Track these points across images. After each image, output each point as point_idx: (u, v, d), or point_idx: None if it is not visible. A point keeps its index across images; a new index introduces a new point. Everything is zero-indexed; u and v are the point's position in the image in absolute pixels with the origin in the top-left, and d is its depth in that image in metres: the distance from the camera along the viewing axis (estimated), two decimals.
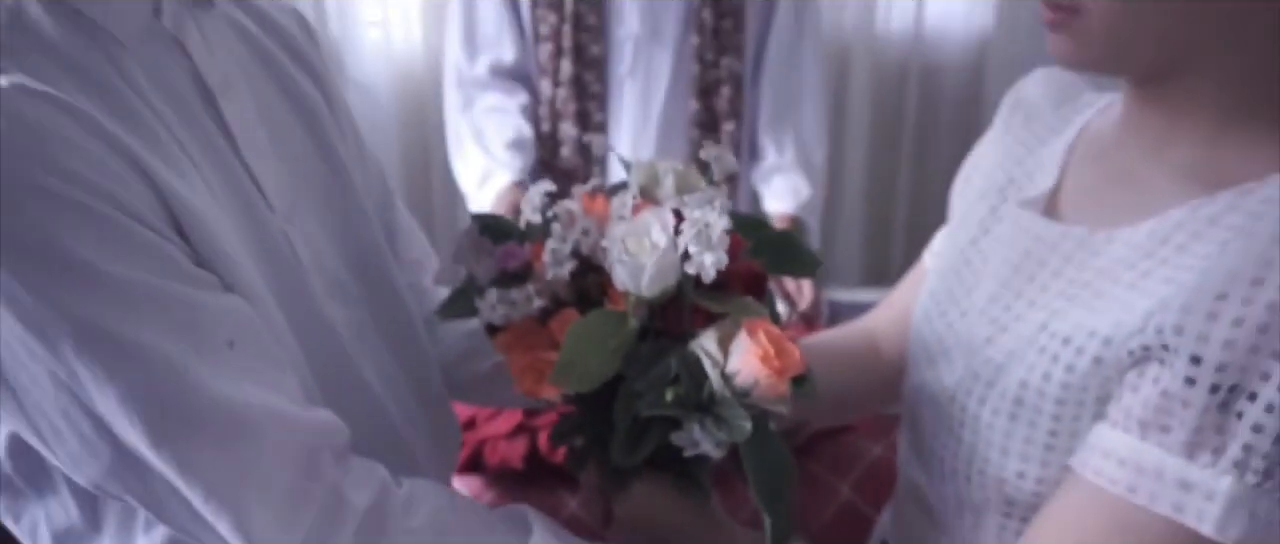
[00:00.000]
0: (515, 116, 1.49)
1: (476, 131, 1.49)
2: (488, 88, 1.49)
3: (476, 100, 1.50)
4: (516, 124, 1.48)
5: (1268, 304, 0.51)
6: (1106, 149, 0.68)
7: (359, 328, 0.71)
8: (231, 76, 0.64)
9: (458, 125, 1.52)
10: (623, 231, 0.60)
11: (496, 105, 1.49)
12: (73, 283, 0.49)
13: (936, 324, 0.74)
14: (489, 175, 1.47)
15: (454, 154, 1.55)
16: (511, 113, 1.49)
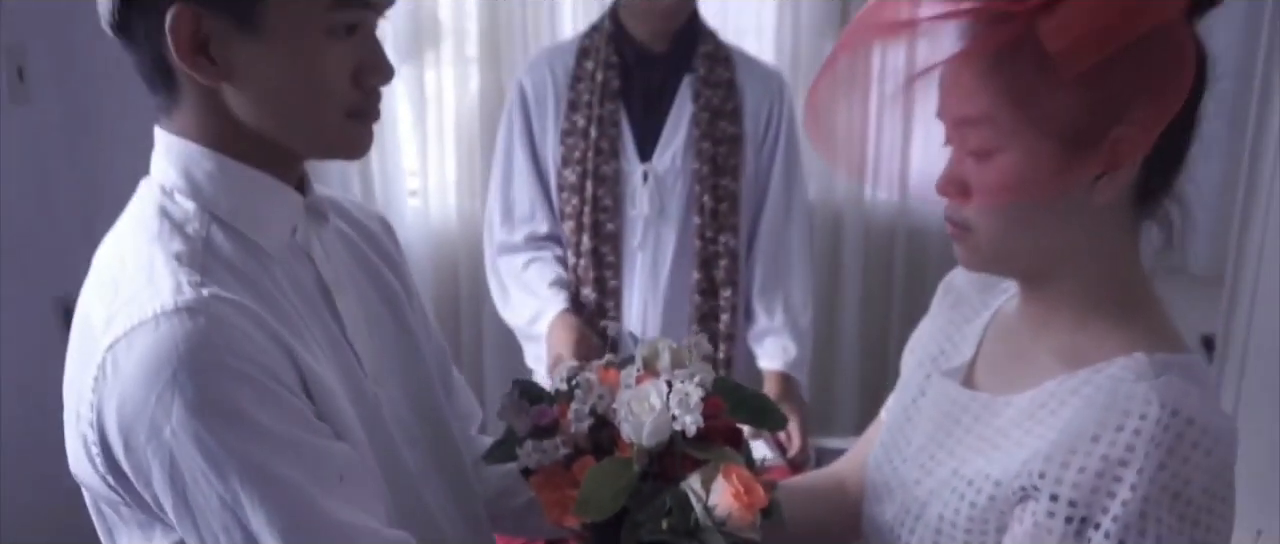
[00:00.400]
0: (552, 264, 1.71)
1: (521, 282, 1.70)
2: (524, 251, 1.72)
3: (516, 258, 1.72)
4: (556, 269, 1.69)
5: (1102, 456, 0.70)
6: (1009, 330, 0.88)
7: (424, 467, 0.91)
8: (340, 276, 0.86)
9: (503, 280, 1.74)
10: (628, 397, 0.80)
11: (534, 258, 1.71)
12: (242, 432, 0.70)
13: (883, 468, 0.93)
14: (539, 313, 1.67)
15: (501, 305, 1.75)
16: (549, 262, 1.71)
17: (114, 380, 0.69)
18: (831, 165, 1.47)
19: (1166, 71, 0.70)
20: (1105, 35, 0.69)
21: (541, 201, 1.71)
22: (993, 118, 0.75)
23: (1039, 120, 0.73)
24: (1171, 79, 0.70)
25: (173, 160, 0.78)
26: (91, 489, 0.77)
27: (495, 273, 1.76)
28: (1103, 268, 0.79)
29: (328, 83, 0.77)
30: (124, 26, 0.77)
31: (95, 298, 0.75)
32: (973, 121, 0.76)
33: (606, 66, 1.65)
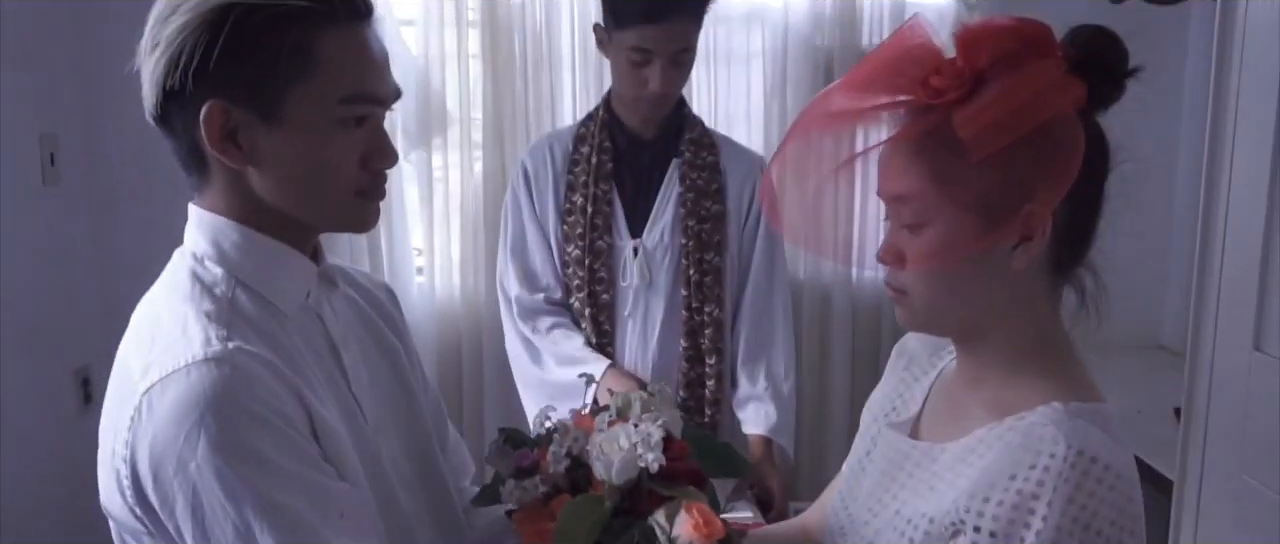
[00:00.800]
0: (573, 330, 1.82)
1: (554, 348, 1.81)
2: (546, 313, 1.83)
3: (540, 322, 1.83)
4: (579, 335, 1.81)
5: (1017, 490, 0.79)
6: (950, 386, 0.98)
7: (418, 511, 1.00)
8: (347, 335, 0.96)
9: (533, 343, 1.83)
10: (600, 439, 0.90)
11: (558, 323, 1.82)
12: (257, 468, 0.79)
13: (839, 513, 1.01)
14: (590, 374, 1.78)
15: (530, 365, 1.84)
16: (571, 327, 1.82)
17: (148, 420, 0.79)
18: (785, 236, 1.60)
19: (1059, 156, 0.81)
20: (1006, 125, 0.80)
21: (552, 270, 1.83)
22: (920, 194, 0.86)
23: (959, 197, 0.84)
24: (1064, 162, 0.81)
25: (204, 231, 0.90)
26: (119, 521, 0.86)
27: (518, 336, 1.85)
28: (1025, 327, 0.89)
29: (338, 167, 0.88)
30: (164, 118, 0.89)
31: (133, 349, 0.85)
32: (904, 198, 0.87)
33: (600, 151, 1.78)
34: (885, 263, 0.91)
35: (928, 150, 0.85)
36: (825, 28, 2.45)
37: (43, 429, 2.24)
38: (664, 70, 1.66)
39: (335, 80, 0.85)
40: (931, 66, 0.83)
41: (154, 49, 0.85)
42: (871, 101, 0.87)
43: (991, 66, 0.81)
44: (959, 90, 0.81)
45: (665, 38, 1.64)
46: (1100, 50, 0.85)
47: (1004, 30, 0.83)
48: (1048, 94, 0.81)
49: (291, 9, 0.83)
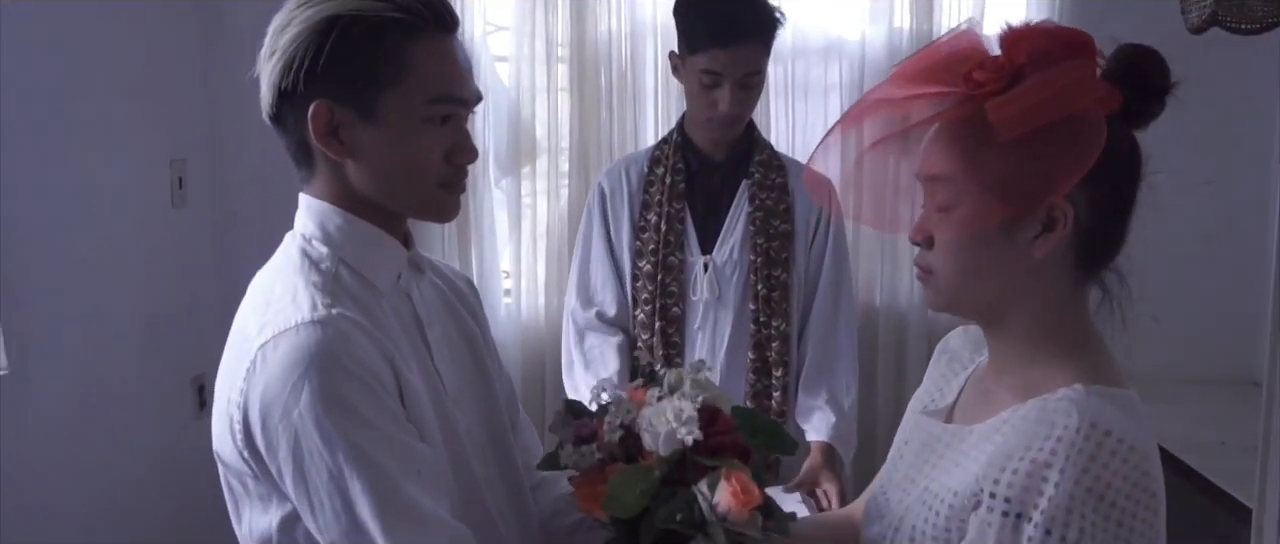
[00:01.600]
0: (613, 357, 1.90)
1: (587, 363, 1.91)
2: (594, 329, 1.93)
3: (586, 337, 1.93)
4: (614, 365, 1.89)
5: (1032, 460, 0.83)
6: (982, 376, 1.03)
7: (489, 479, 1.09)
8: (432, 314, 1.07)
9: (572, 353, 1.95)
10: (650, 413, 0.98)
11: (598, 345, 1.91)
12: (351, 420, 0.90)
13: (878, 497, 1.07)
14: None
15: (566, 372, 1.96)
16: (611, 355, 1.90)
17: (261, 372, 0.91)
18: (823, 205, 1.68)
19: (1079, 148, 0.86)
20: (1034, 112, 0.86)
21: (613, 286, 1.93)
22: (952, 176, 0.92)
23: (985, 180, 0.90)
24: (1082, 154, 0.86)
25: (311, 215, 1.02)
26: (228, 464, 0.98)
27: (567, 341, 1.97)
28: (1044, 314, 0.94)
29: (425, 160, 1.00)
30: (278, 116, 1.02)
31: (249, 313, 0.98)
32: (937, 179, 0.94)
33: (674, 172, 1.88)
34: (915, 242, 0.97)
35: (963, 136, 0.91)
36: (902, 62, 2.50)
37: (160, 433, 2.43)
38: (732, 93, 1.75)
39: (424, 83, 0.97)
40: (975, 62, 0.90)
41: (272, 56, 0.98)
42: (919, 91, 0.94)
43: (1029, 63, 0.87)
44: (997, 83, 0.88)
45: (734, 61, 1.73)
46: (1139, 64, 0.90)
47: (1044, 32, 0.89)
48: (1077, 90, 0.87)
49: (388, 21, 0.95)
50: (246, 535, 1.01)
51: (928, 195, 0.96)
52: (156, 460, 2.40)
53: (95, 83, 2.14)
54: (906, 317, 2.58)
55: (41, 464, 1.96)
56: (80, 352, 2.11)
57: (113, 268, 2.23)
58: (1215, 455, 2.02)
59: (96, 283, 2.17)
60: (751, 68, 1.76)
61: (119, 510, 2.25)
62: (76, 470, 2.08)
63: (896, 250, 2.57)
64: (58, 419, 2.02)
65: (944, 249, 0.94)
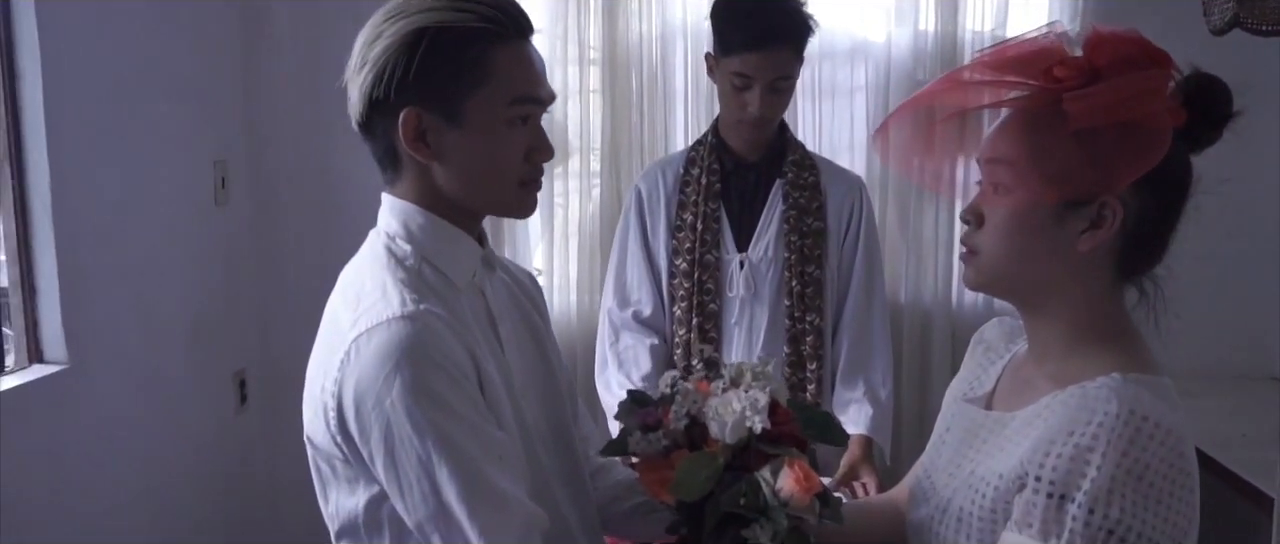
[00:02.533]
0: (646, 360, 1.96)
1: (619, 362, 1.97)
2: (629, 329, 1.99)
3: (621, 337, 2.00)
4: (646, 366, 1.95)
5: (1075, 444, 0.89)
6: (1020, 365, 1.09)
7: (554, 467, 1.15)
8: (504, 310, 1.14)
9: (605, 353, 2.01)
10: (716, 403, 1.04)
11: (632, 345, 1.97)
12: (439, 409, 0.96)
13: (922, 481, 1.13)
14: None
15: (599, 373, 2.03)
16: (644, 356, 1.96)
17: (356, 362, 0.97)
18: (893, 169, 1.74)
19: (1142, 151, 0.92)
20: (1108, 109, 0.92)
21: (649, 287, 1.99)
22: (1016, 161, 0.98)
23: (1047, 168, 0.96)
24: (1144, 157, 0.92)
25: (396, 215, 1.09)
26: (319, 448, 1.05)
27: (602, 342, 2.04)
28: (1085, 305, 1.00)
29: (508, 160, 1.06)
30: (367, 125, 1.08)
31: (342, 305, 1.04)
32: (1001, 161, 0.99)
33: (709, 172, 1.94)
34: (967, 222, 1.03)
35: (1034, 125, 0.97)
36: (926, 63, 2.56)
37: (204, 426, 2.50)
38: (762, 96, 1.81)
39: (506, 86, 1.03)
40: (1057, 59, 0.96)
41: (362, 67, 1.04)
42: (1000, 79, 1.00)
43: (1109, 66, 0.93)
44: (1076, 81, 0.94)
45: (765, 65, 1.79)
46: (1209, 91, 0.96)
47: (1129, 40, 0.95)
48: (1150, 98, 0.93)
49: (472, 30, 1.01)
50: (333, 515, 1.07)
51: (986, 177, 1.02)
52: (202, 453, 2.47)
53: (142, 86, 2.20)
54: (931, 313, 2.63)
55: (101, 456, 2.03)
56: (133, 348, 2.18)
57: (161, 266, 2.30)
58: (1237, 448, 2.07)
59: (147, 281, 2.23)
60: (782, 72, 1.82)
61: (170, 501, 2.32)
62: (132, 462, 2.15)
63: (921, 248, 2.62)
64: (114, 413, 2.09)
65: (994, 229, 1.00)
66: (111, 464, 2.07)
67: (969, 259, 1.03)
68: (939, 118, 1.07)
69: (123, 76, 2.13)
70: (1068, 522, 0.89)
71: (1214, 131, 0.97)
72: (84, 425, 1.98)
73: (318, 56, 2.60)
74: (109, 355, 2.08)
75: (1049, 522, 0.90)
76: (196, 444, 2.45)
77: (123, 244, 2.15)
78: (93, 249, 2.02)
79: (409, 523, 1.00)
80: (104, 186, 2.07)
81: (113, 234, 2.10)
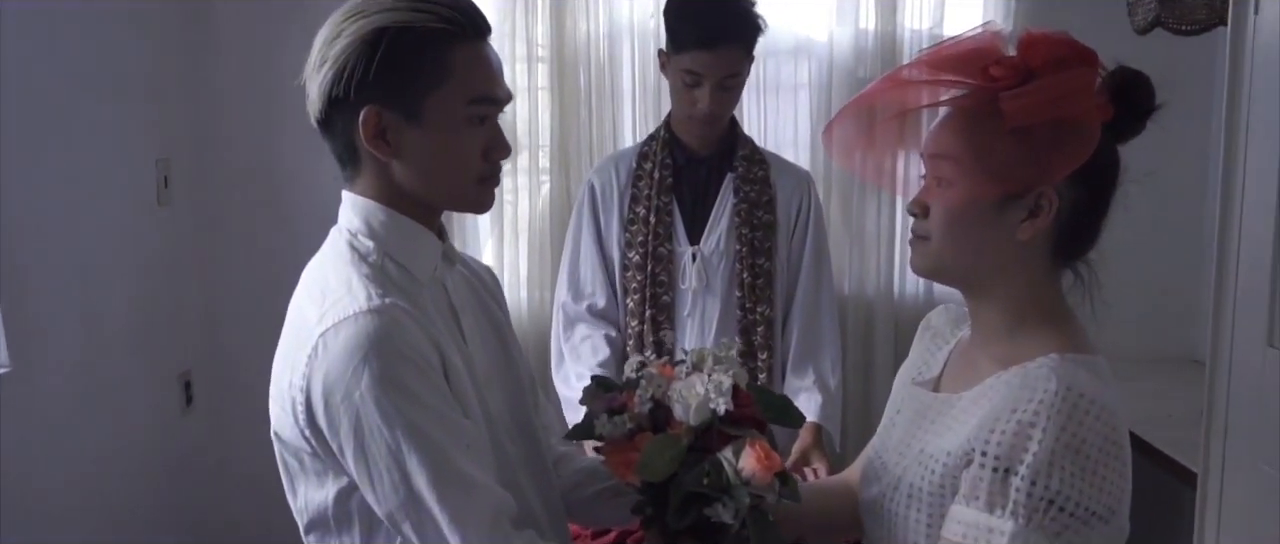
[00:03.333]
0: (604, 348, 1.99)
1: (576, 354, 1.99)
2: (584, 321, 2.02)
3: (576, 329, 2.02)
4: (606, 350, 1.98)
5: (1017, 421, 0.95)
6: (966, 349, 1.14)
7: (519, 456, 1.18)
8: (465, 303, 1.16)
9: (561, 347, 2.03)
10: (679, 386, 1.07)
11: (588, 336, 2.00)
12: (407, 400, 0.98)
13: (874, 461, 1.18)
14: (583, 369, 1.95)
15: (555, 367, 2.05)
16: (600, 345, 1.99)
17: (323, 357, 0.98)
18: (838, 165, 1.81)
19: (1074, 145, 0.98)
20: (1041, 108, 0.98)
21: (602, 279, 2.02)
22: (958, 157, 1.03)
23: (987, 163, 1.01)
24: (1076, 151, 0.98)
25: (357, 212, 1.10)
26: (286, 442, 1.06)
27: (557, 338, 2.06)
28: (1026, 289, 1.06)
29: (466, 157, 1.08)
30: (326, 122, 1.09)
31: (307, 301, 1.05)
32: (943, 157, 1.05)
33: (662, 167, 1.98)
34: (913, 213, 1.09)
35: (973, 123, 1.03)
36: (867, 60, 2.64)
37: (149, 428, 2.46)
38: (712, 93, 1.86)
39: (464, 85, 1.05)
40: (993, 59, 1.01)
41: (322, 65, 1.05)
42: (939, 78, 1.05)
43: (1042, 66, 0.99)
44: (1012, 79, 0.99)
45: (716, 63, 1.84)
46: (1134, 86, 1.02)
47: (1060, 40, 1.01)
48: (1080, 95, 0.99)
49: (432, 30, 1.03)
50: (301, 509, 1.08)
51: (930, 171, 1.07)
52: (148, 455, 2.43)
53: (82, 83, 2.16)
54: (874, 304, 2.70)
55: (43, 460, 1.99)
56: (76, 349, 2.14)
57: (103, 266, 2.26)
58: (1163, 427, 2.18)
59: (88, 281, 2.20)
60: (731, 71, 1.87)
61: (114, 505, 2.28)
62: (75, 466, 2.11)
63: (863, 241, 2.70)
64: (57, 416, 2.05)
65: (940, 220, 1.05)
66: (55, 468, 2.03)
67: (918, 245, 1.08)
68: (880, 117, 1.12)
69: (62, 74, 2.09)
70: (1012, 493, 0.94)
71: (1139, 123, 1.03)
72: (26, 429, 1.94)
73: (263, 54, 2.58)
74: (51, 358, 2.04)
75: (995, 494, 0.95)
76: (142, 446, 2.41)
77: (64, 244, 2.11)
78: (33, 250, 1.98)
79: (379, 513, 1.01)
80: (43, 186, 2.03)
81: (53, 234, 2.06)
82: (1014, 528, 0.93)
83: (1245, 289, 1.70)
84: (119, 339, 2.33)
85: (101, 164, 2.25)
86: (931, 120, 1.10)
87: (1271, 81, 1.61)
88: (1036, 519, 0.93)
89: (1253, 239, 1.68)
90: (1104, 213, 1.06)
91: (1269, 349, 1.63)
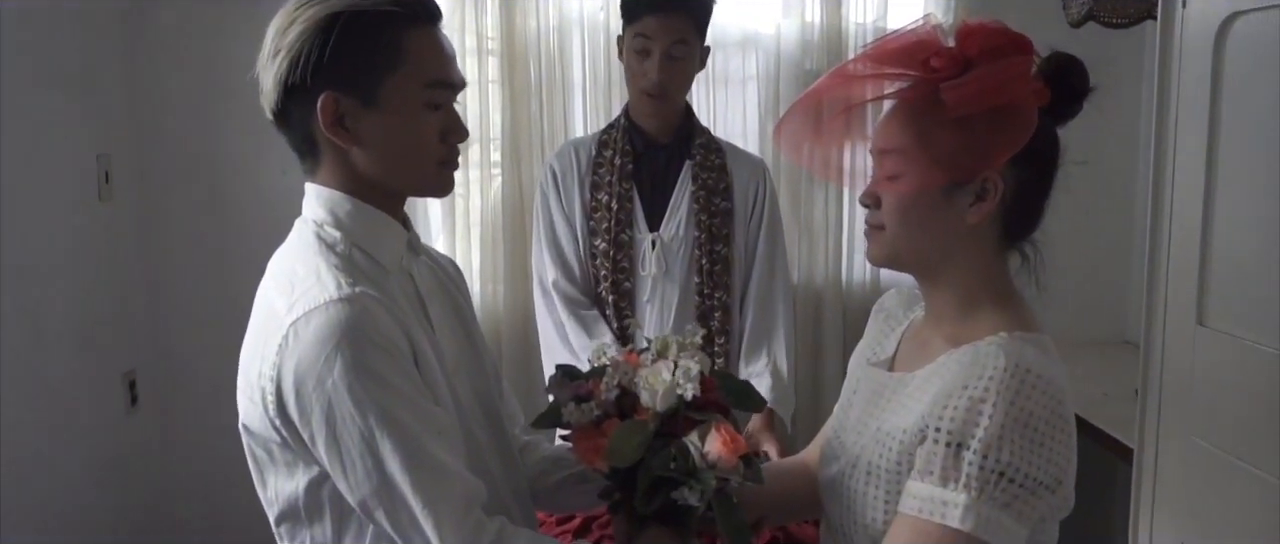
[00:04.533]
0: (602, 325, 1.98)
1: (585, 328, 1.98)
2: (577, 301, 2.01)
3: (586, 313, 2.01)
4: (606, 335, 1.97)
5: (969, 397, 0.99)
6: (918, 329, 1.19)
7: (487, 442, 1.19)
8: (431, 292, 1.17)
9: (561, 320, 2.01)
10: (645, 373, 1.10)
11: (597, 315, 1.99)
12: (379, 386, 0.99)
13: (832, 441, 1.21)
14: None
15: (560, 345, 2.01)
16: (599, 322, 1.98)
17: (294, 346, 0.99)
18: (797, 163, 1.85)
19: (1013, 129, 1.02)
20: (980, 96, 1.01)
21: (577, 255, 2.03)
22: (904, 149, 1.07)
23: (932, 152, 1.05)
24: (1016, 135, 1.02)
25: (321, 203, 1.10)
26: (256, 434, 1.06)
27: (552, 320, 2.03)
28: (974, 271, 1.10)
29: (424, 141, 1.09)
30: (283, 113, 1.09)
31: (275, 292, 1.05)
32: (890, 151, 1.08)
33: (622, 154, 2.00)
34: (866, 205, 1.12)
35: (916, 114, 1.07)
36: (813, 52, 2.68)
37: (94, 428, 2.41)
38: (661, 63, 1.91)
39: (419, 70, 1.06)
40: (933, 51, 1.05)
41: (276, 55, 1.05)
42: (882, 71, 1.09)
43: (980, 56, 1.03)
44: (951, 70, 1.03)
45: (663, 29, 1.89)
46: (1068, 70, 1.07)
47: (996, 30, 1.05)
48: (1017, 83, 1.03)
49: (385, 13, 1.04)
50: (271, 499, 1.08)
51: (879, 164, 1.11)
52: (92, 457, 2.39)
53: (17, 76, 2.11)
54: (823, 291, 2.76)
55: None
56: (16, 350, 2.09)
57: (43, 265, 2.21)
58: (1099, 405, 2.27)
59: (27, 280, 2.15)
60: (679, 37, 1.91)
61: (59, 508, 2.23)
62: (17, 468, 2.06)
63: (812, 230, 2.75)
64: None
65: (892, 209, 1.09)
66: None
67: (873, 236, 1.12)
68: (827, 112, 1.15)
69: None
70: (964, 467, 0.98)
71: (1075, 105, 1.08)
72: None
73: (204, 45, 2.53)
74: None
75: (948, 468, 0.99)
76: (87, 447, 2.36)
77: (1, 242, 2.05)
78: None
79: (351, 500, 1.02)
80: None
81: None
82: (967, 500, 0.97)
83: (1175, 272, 1.78)
84: (61, 339, 2.28)
85: (40, 160, 2.20)
86: (877, 114, 1.14)
87: (1199, 72, 1.69)
88: (988, 491, 0.97)
89: (1182, 224, 1.76)
90: (1047, 194, 1.11)
91: (1198, 328, 1.71)
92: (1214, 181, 1.67)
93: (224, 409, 1.11)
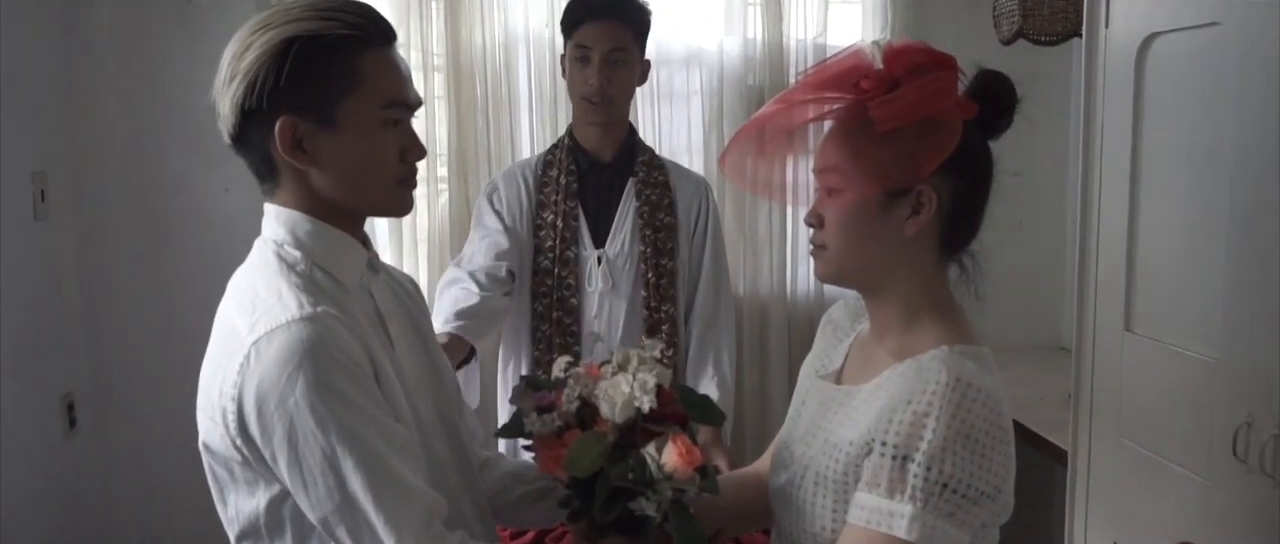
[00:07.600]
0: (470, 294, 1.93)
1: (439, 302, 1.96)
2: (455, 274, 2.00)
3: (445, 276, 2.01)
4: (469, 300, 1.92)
5: (913, 411, 1.02)
6: (864, 342, 1.23)
7: (448, 459, 1.20)
8: (391, 310, 1.18)
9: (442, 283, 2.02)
10: (605, 385, 1.12)
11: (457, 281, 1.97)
12: (341, 404, 0.99)
13: (783, 451, 1.25)
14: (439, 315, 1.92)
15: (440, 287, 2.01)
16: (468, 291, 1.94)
17: (256, 365, 0.99)
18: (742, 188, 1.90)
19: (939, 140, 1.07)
20: (906, 110, 1.06)
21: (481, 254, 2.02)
22: (840, 167, 1.12)
23: (867, 168, 1.10)
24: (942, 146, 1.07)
25: (281, 223, 1.10)
26: (216, 453, 1.05)
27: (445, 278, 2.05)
28: (917, 284, 1.15)
29: (383, 160, 1.10)
30: (241, 136, 1.09)
31: (236, 311, 1.05)
32: (828, 169, 1.13)
33: (567, 173, 2.03)
34: (811, 224, 1.17)
35: (850, 133, 1.12)
36: (756, 69, 2.74)
37: (32, 452, 2.36)
38: (600, 69, 1.95)
39: (376, 91, 1.08)
40: (863, 74, 1.10)
41: (232, 80, 1.06)
42: (818, 95, 1.14)
43: (905, 74, 1.08)
44: (880, 89, 1.08)
45: (602, 36, 1.94)
46: (994, 85, 1.12)
47: (919, 49, 1.10)
48: (942, 97, 1.08)
49: (340, 36, 1.05)
50: (232, 518, 1.08)
51: (820, 184, 1.15)
52: (29, 482, 2.33)
53: None
54: (768, 304, 2.81)
55: None
56: None
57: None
58: (1034, 409, 2.35)
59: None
60: (617, 44, 1.96)
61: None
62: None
63: (757, 244, 2.80)
64: None
65: (834, 227, 1.13)
66: None
67: (818, 255, 1.16)
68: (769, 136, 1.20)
69: None
70: (910, 479, 1.02)
71: (1005, 118, 1.14)
72: None
73: (143, 62, 2.50)
74: None
75: (894, 480, 1.02)
76: (24, 472, 2.31)
77: None
78: None
79: (313, 518, 1.03)
80: None
81: None
82: (912, 511, 1.01)
83: (1104, 280, 1.86)
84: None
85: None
86: (817, 136, 1.19)
87: (1122, 88, 1.77)
88: (932, 502, 1.01)
89: (1109, 233, 1.84)
90: (983, 205, 1.16)
91: (1126, 333, 1.79)
92: (1137, 193, 1.76)
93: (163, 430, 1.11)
